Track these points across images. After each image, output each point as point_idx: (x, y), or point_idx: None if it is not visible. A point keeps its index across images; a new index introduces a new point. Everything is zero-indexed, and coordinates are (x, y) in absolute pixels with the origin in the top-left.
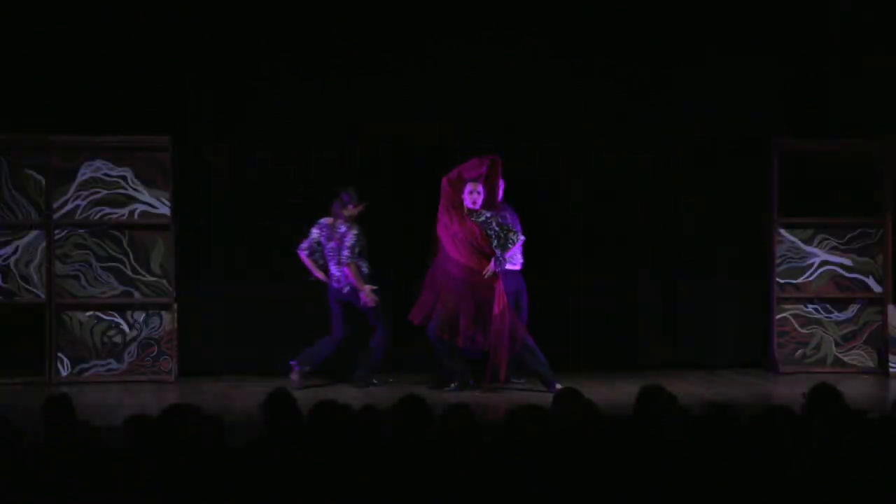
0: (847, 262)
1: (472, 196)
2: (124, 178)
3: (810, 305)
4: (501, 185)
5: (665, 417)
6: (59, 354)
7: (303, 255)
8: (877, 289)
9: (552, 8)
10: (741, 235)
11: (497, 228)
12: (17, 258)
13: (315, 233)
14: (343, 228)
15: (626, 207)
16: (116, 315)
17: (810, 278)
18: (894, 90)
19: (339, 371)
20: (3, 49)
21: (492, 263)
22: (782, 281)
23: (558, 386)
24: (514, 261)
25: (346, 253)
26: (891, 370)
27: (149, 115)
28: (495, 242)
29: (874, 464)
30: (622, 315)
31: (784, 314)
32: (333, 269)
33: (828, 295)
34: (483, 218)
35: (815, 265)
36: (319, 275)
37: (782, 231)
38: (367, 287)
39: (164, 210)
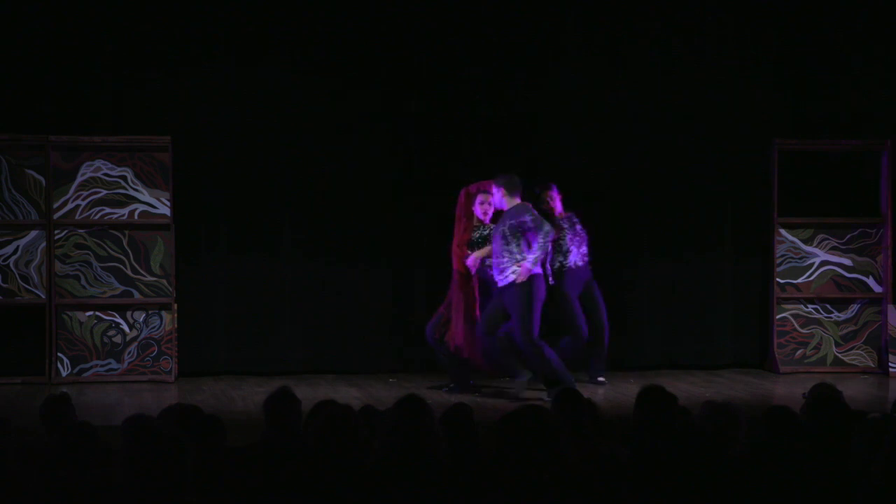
0: (847, 262)
1: (483, 207)
2: (124, 178)
3: (810, 305)
4: (558, 199)
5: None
6: (59, 354)
7: None
8: (877, 289)
9: (552, 8)
10: (741, 235)
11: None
12: (17, 258)
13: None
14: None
15: (625, 207)
16: (116, 315)
17: (810, 278)
18: (894, 90)
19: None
20: (3, 49)
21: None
22: (782, 281)
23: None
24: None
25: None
26: (891, 370)
27: (149, 115)
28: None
29: (874, 464)
30: (622, 315)
31: (784, 314)
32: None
33: (828, 295)
34: (488, 232)
35: (815, 265)
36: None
37: (782, 231)
38: None
39: (164, 210)
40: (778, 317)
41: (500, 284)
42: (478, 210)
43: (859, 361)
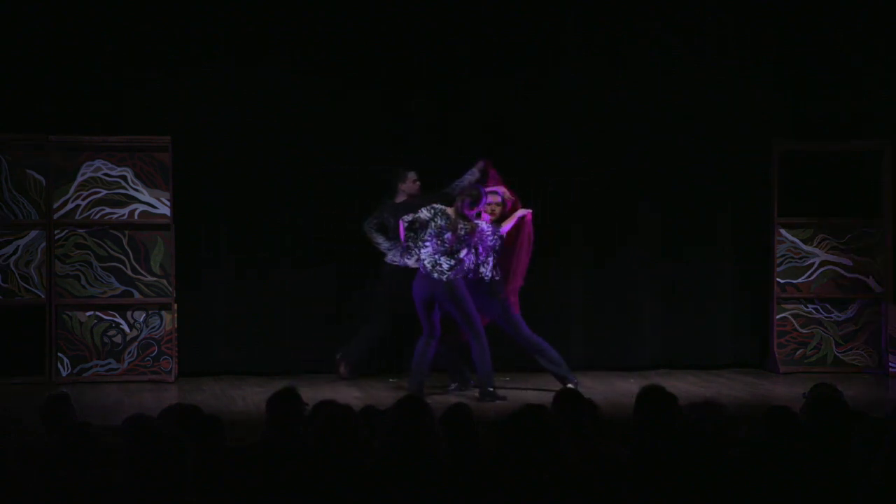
0: (847, 262)
1: (491, 206)
2: (124, 178)
3: (810, 305)
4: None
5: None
6: (59, 354)
7: None
8: (877, 289)
9: (552, 8)
10: (741, 235)
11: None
12: (17, 258)
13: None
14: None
15: (625, 207)
16: (116, 315)
17: (810, 278)
18: (894, 90)
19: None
20: (3, 49)
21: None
22: (782, 281)
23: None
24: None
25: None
26: (891, 370)
27: (149, 115)
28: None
29: (874, 464)
30: (622, 315)
31: (784, 314)
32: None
33: (828, 295)
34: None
35: (815, 265)
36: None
37: (782, 231)
38: None
39: (164, 210)
40: (778, 317)
41: None
42: (484, 211)
43: (859, 361)
